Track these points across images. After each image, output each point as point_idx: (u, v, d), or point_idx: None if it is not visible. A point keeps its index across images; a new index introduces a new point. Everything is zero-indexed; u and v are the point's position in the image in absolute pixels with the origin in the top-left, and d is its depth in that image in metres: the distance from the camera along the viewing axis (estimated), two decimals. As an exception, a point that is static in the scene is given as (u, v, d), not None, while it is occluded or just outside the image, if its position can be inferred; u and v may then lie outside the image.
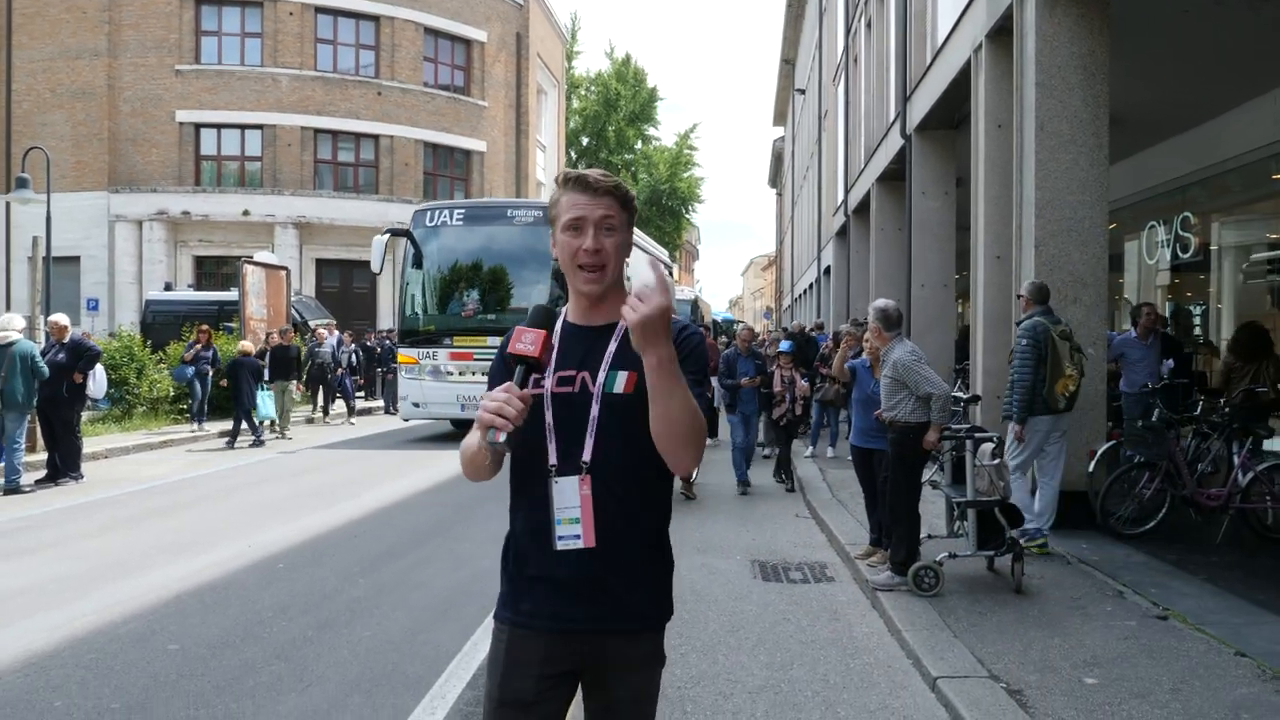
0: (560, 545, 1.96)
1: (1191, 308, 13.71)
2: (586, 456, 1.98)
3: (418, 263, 14.89)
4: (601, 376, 2.00)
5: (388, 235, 14.82)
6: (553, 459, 1.98)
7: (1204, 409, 8.24)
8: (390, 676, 4.54)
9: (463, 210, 15.19)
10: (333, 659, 4.77)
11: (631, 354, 1.96)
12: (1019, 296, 7.55)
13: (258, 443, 14.31)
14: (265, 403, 14.93)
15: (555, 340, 2.06)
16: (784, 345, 11.35)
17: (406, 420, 15.45)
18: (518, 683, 2.01)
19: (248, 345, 15.03)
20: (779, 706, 4.26)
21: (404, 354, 14.91)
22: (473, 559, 6.85)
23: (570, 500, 1.96)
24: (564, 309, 2.15)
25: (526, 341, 1.88)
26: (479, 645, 4.93)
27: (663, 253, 23.45)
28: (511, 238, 14.44)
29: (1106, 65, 7.81)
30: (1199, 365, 11.14)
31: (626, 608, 2.02)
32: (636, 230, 16.42)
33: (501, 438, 1.79)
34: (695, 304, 28.13)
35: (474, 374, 13.99)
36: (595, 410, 1.99)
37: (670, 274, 23.90)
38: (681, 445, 1.91)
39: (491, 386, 2.09)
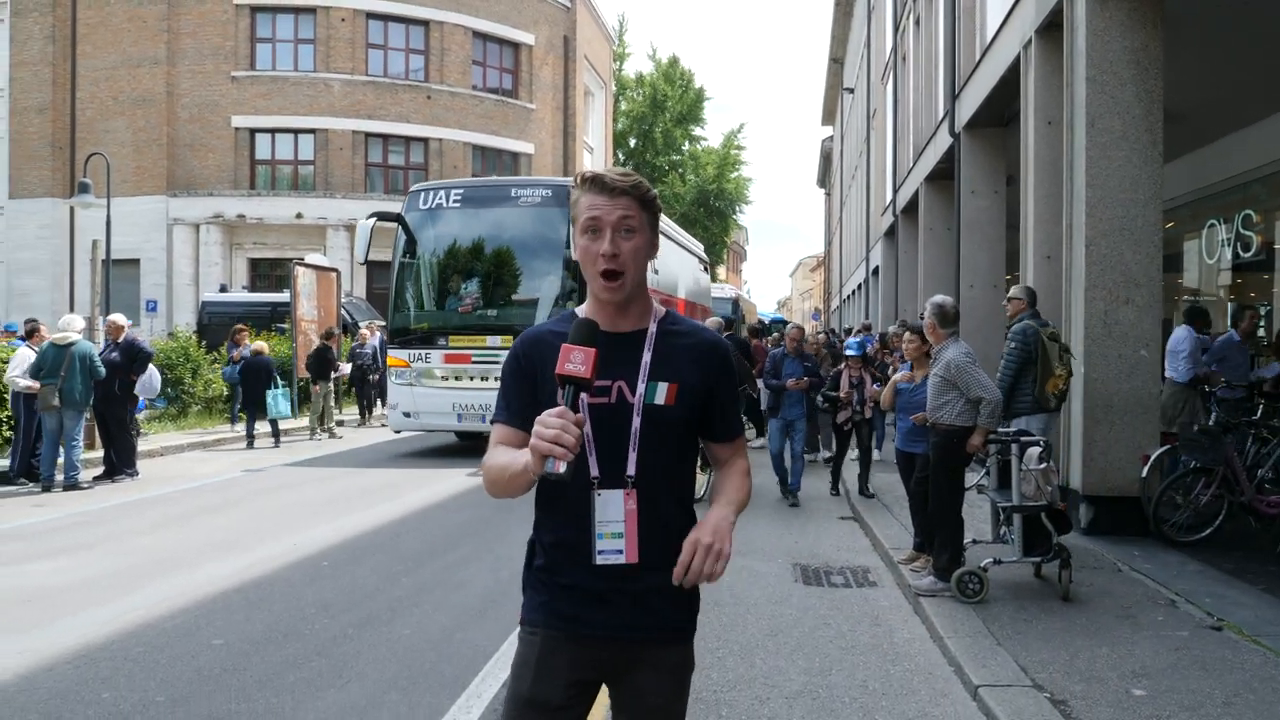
0: (600, 560, 1.94)
1: (1256, 308, 13.29)
2: (631, 470, 1.95)
3: (410, 251, 12.98)
4: (641, 388, 1.97)
5: (374, 220, 13.05)
6: (594, 471, 1.95)
7: (1264, 413, 7.99)
8: (428, 675, 4.57)
9: (461, 190, 13.22)
10: (372, 656, 4.81)
11: (669, 363, 2.01)
12: (1008, 300, 7.56)
13: (275, 443, 14.39)
14: (276, 402, 14.46)
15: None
16: (852, 346, 10.56)
17: (398, 432, 13.68)
18: (546, 686, 1.99)
19: (260, 345, 14.97)
20: (816, 712, 4.21)
21: (393, 355, 13.08)
22: (512, 559, 6.88)
23: (614, 514, 1.94)
24: (580, 309, 2.10)
25: (577, 361, 1.78)
26: (515, 645, 4.93)
27: (698, 247, 22.27)
28: (518, 221, 12.57)
29: (1160, 60, 7.61)
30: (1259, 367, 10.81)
31: (660, 617, 2.01)
32: (674, 226, 14.57)
33: (562, 468, 1.72)
34: (736, 303, 27.05)
35: (472, 379, 12.30)
36: (637, 423, 1.96)
37: (706, 270, 22.98)
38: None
39: (507, 393, 2.09)
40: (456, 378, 12.43)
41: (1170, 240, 12.07)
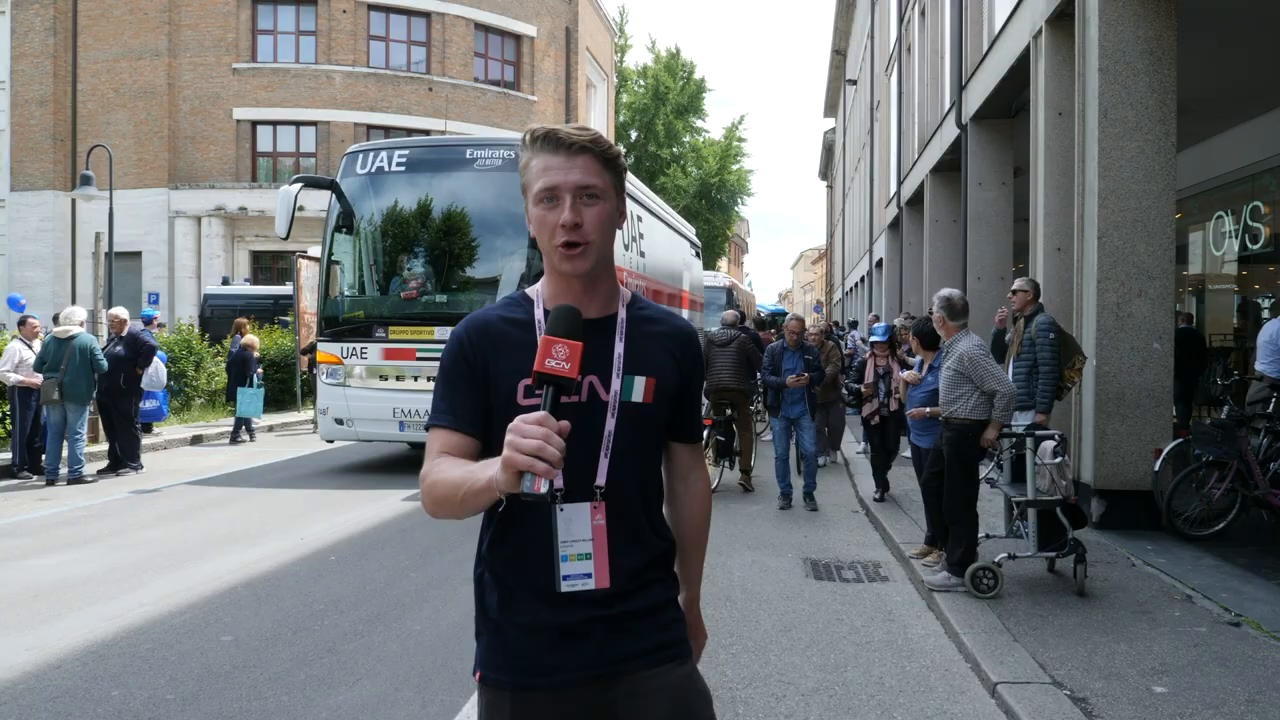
0: (566, 586, 1.64)
1: (1261, 300, 13.24)
2: (601, 480, 1.67)
3: (345, 225, 10.95)
4: (616, 384, 1.70)
5: (299, 186, 10.78)
6: (559, 481, 1.52)
7: (1277, 406, 7.94)
8: (440, 671, 4.53)
9: (407, 152, 11.17)
10: (383, 653, 4.77)
11: (644, 355, 1.75)
12: (1013, 293, 7.45)
13: (250, 439, 14.07)
14: (246, 400, 13.80)
15: (539, 333, 1.68)
16: (878, 331, 9.48)
17: (331, 441, 11.63)
18: None
19: (250, 339, 14.68)
20: (833, 710, 4.16)
21: (323, 350, 10.99)
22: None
23: (580, 532, 1.65)
24: (536, 292, 1.79)
25: (560, 357, 1.49)
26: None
27: (689, 229, 19.97)
28: (473, 189, 10.68)
29: (1174, 50, 7.54)
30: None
31: (646, 639, 1.72)
32: (660, 202, 14.29)
33: (543, 486, 1.41)
34: (731, 292, 25.08)
35: (417, 378, 10.42)
36: (611, 424, 1.68)
37: (698, 256, 21.29)
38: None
39: (450, 392, 1.73)
40: (398, 377, 10.51)
41: (1176, 232, 12.00)
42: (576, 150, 1.64)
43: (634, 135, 45.39)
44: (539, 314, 1.74)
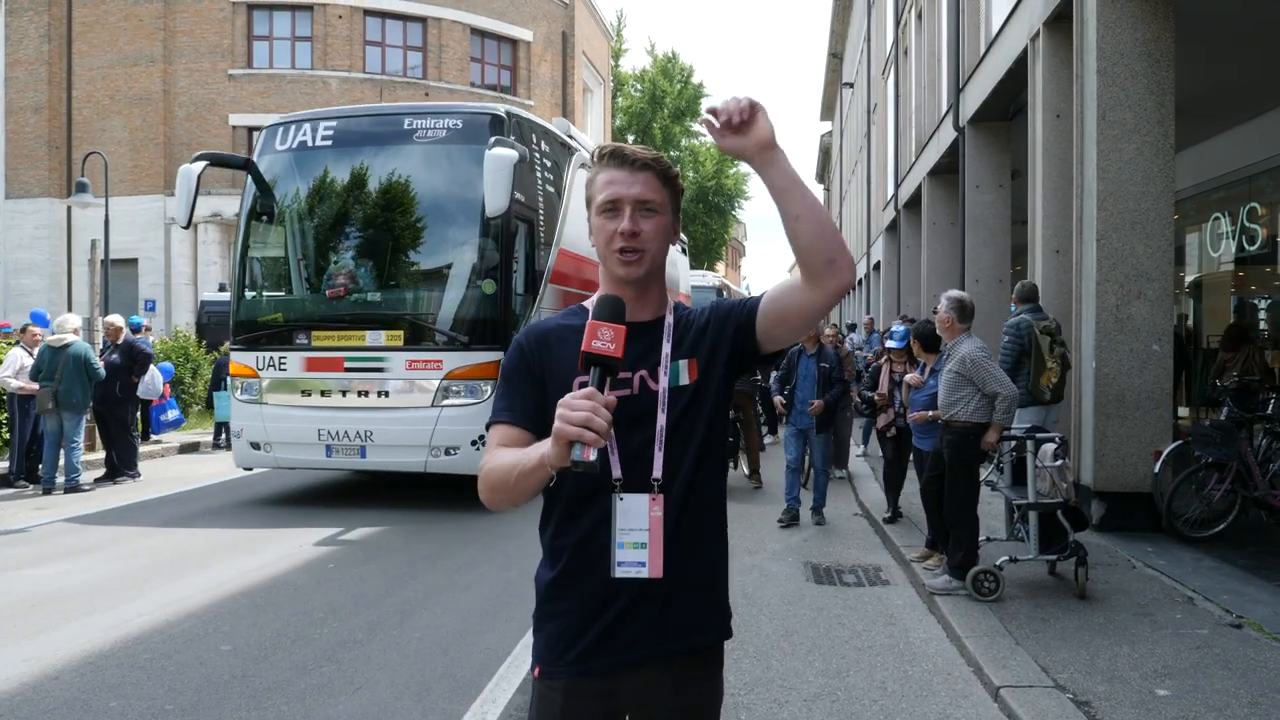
0: (620, 572, 1.73)
1: (1257, 301, 13.24)
2: (658, 472, 1.76)
3: (262, 211, 9.30)
4: (665, 381, 1.80)
5: (202, 165, 9.07)
6: (616, 472, 1.75)
7: (1276, 407, 7.93)
8: (440, 680, 4.50)
9: (335, 123, 9.37)
10: (383, 661, 4.74)
11: (684, 345, 1.85)
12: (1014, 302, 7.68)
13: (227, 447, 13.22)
14: (222, 404, 13.05)
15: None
16: (896, 336, 8.17)
17: (248, 469, 10.05)
18: None
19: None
20: (836, 715, 4.14)
21: (236, 361, 9.39)
22: (520, 558, 6.81)
23: (638, 521, 1.74)
24: (592, 303, 1.88)
25: (605, 339, 1.60)
26: (529, 647, 4.86)
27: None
28: (414, 166, 9.01)
29: (1172, 52, 7.55)
30: (1271, 362, 10.75)
31: (692, 629, 1.84)
32: None
33: (593, 454, 1.52)
34: (721, 292, 23.61)
35: (345, 393, 8.79)
36: (663, 419, 1.78)
37: (685, 253, 20.19)
38: (830, 242, 1.71)
39: (510, 393, 1.87)
40: (323, 392, 8.87)
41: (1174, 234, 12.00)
42: (639, 167, 1.79)
43: (630, 139, 45.38)
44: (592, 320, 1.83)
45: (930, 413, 6.68)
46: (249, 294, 9.65)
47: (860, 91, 32.65)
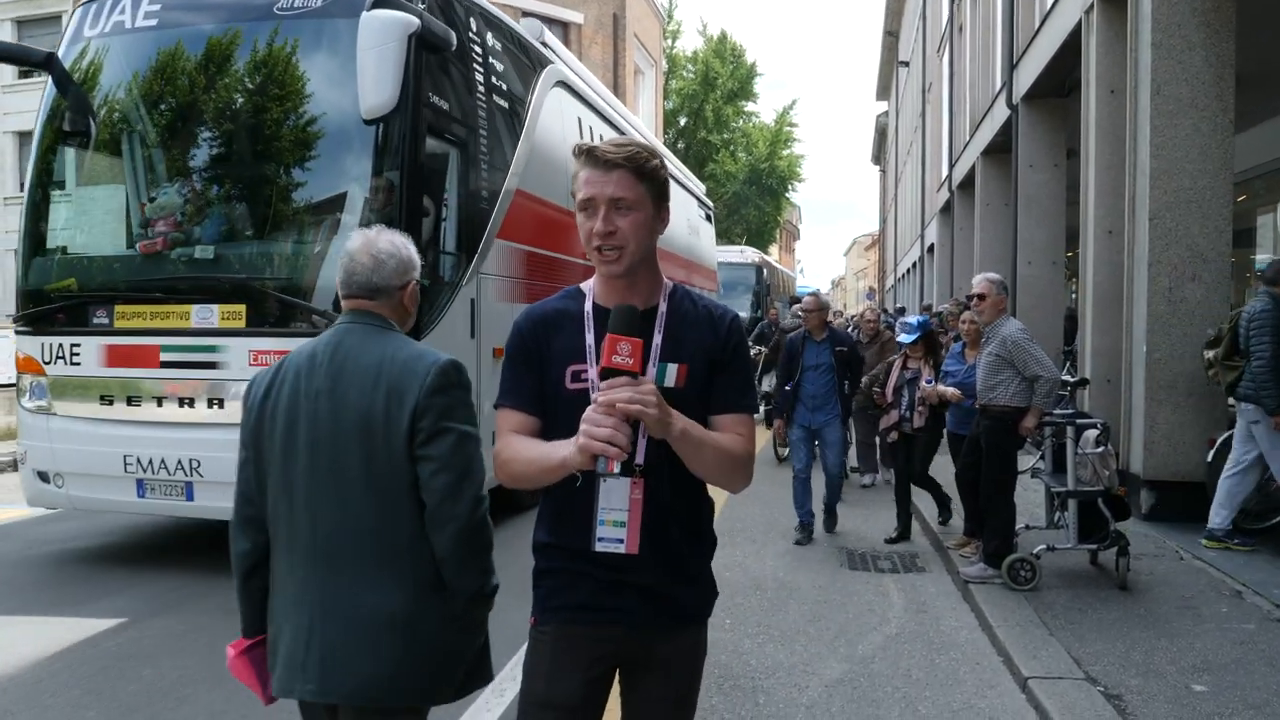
0: (599, 547, 1.84)
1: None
2: (640, 459, 1.84)
3: (69, 128, 6.32)
4: (652, 371, 1.86)
5: None
6: (640, 458, 1.86)
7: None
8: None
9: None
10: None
11: (679, 343, 1.91)
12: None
13: None
14: None
15: (589, 326, 1.91)
16: (909, 327, 7.21)
17: (53, 508, 6.89)
18: (563, 685, 1.94)
19: None
20: (856, 702, 4.07)
21: (20, 351, 6.38)
22: (525, 554, 6.80)
23: (618, 502, 1.83)
24: (589, 286, 1.99)
25: (624, 354, 1.69)
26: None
27: (698, 186, 17.13)
28: (276, 56, 6.05)
29: (1233, 22, 7.21)
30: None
31: (672, 608, 1.97)
32: (676, 166, 11.87)
33: (616, 468, 1.68)
34: (760, 272, 22.23)
35: (161, 401, 5.89)
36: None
37: (709, 220, 17.93)
38: (727, 480, 1.93)
39: (515, 377, 1.96)
40: (131, 399, 5.93)
41: (1242, 214, 11.53)
42: (612, 166, 1.82)
43: (683, 121, 45.13)
44: (589, 307, 1.93)
45: (950, 390, 6.53)
46: (36, 252, 6.45)
47: (916, 70, 32.01)
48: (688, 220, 14.76)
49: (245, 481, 2.19)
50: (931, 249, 26.58)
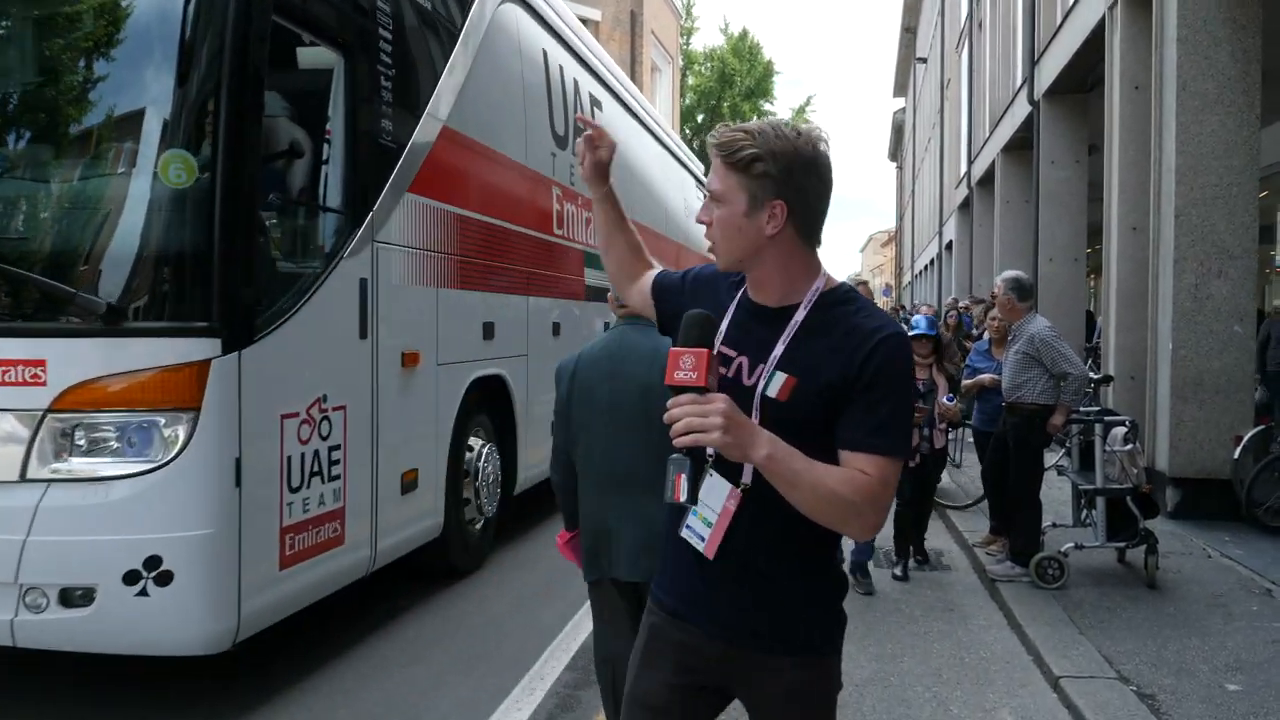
0: (683, 533, 1.77)
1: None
2: (747, 478, 1.68)
3: None
4: (763, 377, 1.69)
5: None
6: (711, 449, 1.65)
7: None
8: (491, 655, 4.55)
9: None
10: (435, 636, 4.81)
11: (801, 354, 1.69)
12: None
13: None
14: None
15: (730, 311, 1.79)
16: (919, 326, 6.19)
17: None
18: (649, 681, 1.86)
19: None
20: (887, 701, 4.08)
21: None
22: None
23: (714, 502, 1.72)
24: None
25: (687, 368, 1.53)
26: (580, 626, 4.89)
27: (695, 164, 14.66)
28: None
29: (1260, 17, 7.17)
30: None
31: (776, 629, 1.76)
32: (631, 89, 9.35)
33: (683, 497, 1.56)
34: None
35: None
36: (755, 418, 1.67)
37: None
38: (835, 523, 1.65)
39: (669, 289, 2.00)
40: None
41: (1265, 210, 11.44)
42: (712, 157, 1.71)
43: (700, 118, 45.11)
44: (740, 294, 1.82)
45: (987, 377, 6.44)
46: None
47: (934, 67, 31.87)
48: (683, 199, 12.98)
49: (559, 436, 3.00)
50: (950, 246, 26.48)
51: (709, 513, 1.72)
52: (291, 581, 3.98)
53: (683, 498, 1.56)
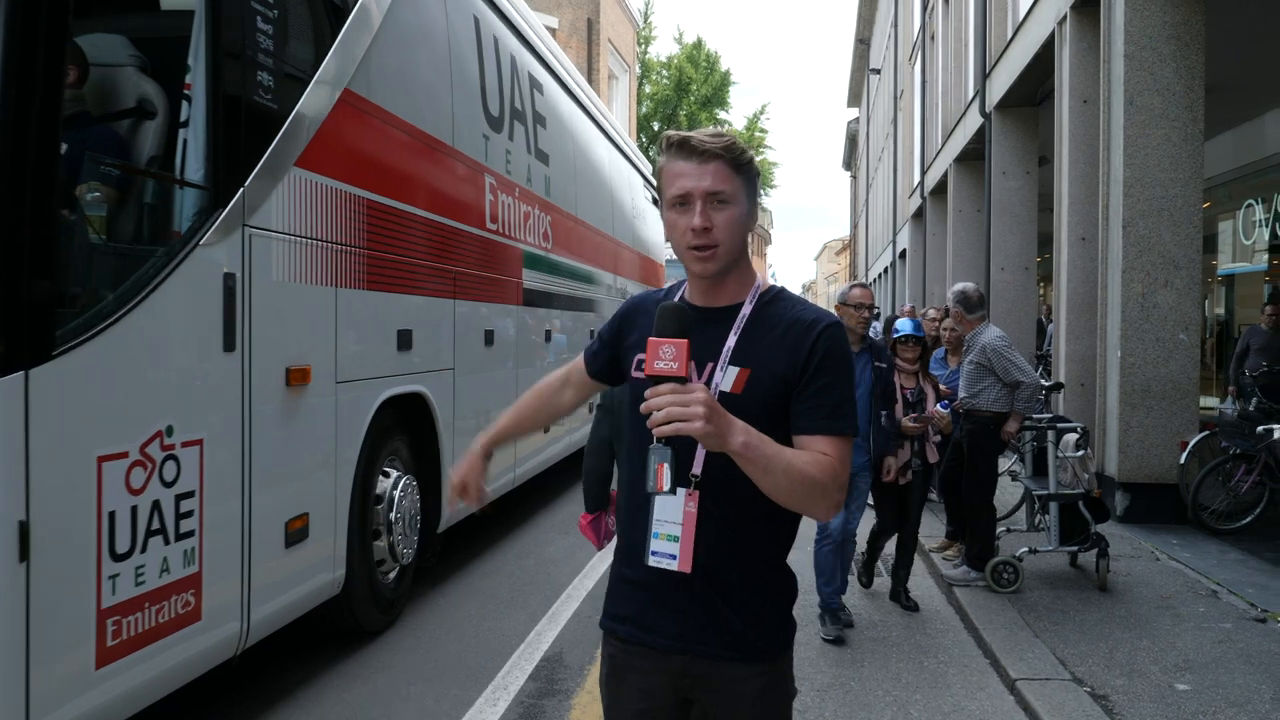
0: (652, 561, 1.72)
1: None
2: (697, 469, 1.70)
3: None
4: (718, 375, 1.72)
5: None
6: (696, 469, 1.71)
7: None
8: (454, 666, 4.52)
9: None
10: (397, 647, 4.77)
11: (751, 348, 1.73)
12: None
13: None
14: None
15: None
16: (904, 325, 5.65)
17: None
18: (618, 713, 1.87)
19: None
20: (849, 706, 4.12)
21: None
22: (538, 546, 6.83)
23: (672, 515, 1.71)
24: (683, 287, 1.88)
25: (668, 357, 1.52)
26: (543, 635, 4.89)
27: (643, 163, 13.66)
28: None
29: (1202, 35, 7.40)
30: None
31: (735, 637, 1.76)
32: (578, 79, 8.45)
33: (666, 486, 1.55)
34: None
35: None
36: None
37: (656, 204, 10.56)
38: (805, 505, 1.66)
39: (599, 340, 2.02)
40: None
41: (1205, 221, 11.76)
42: (709, 157, 1.68)
43: (656, 126, 45.28)
44: (676, 300, 1.83)
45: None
46: None
47: (887, 78, 32.35)
48: (630, 199, 12.02)
49: (604, 427, 3.22)
50: (904, 254, 26.85)
51: (669, 528, 1.71)
52: (118, 680, 2.90)
53: (665, 487, 1.55)
